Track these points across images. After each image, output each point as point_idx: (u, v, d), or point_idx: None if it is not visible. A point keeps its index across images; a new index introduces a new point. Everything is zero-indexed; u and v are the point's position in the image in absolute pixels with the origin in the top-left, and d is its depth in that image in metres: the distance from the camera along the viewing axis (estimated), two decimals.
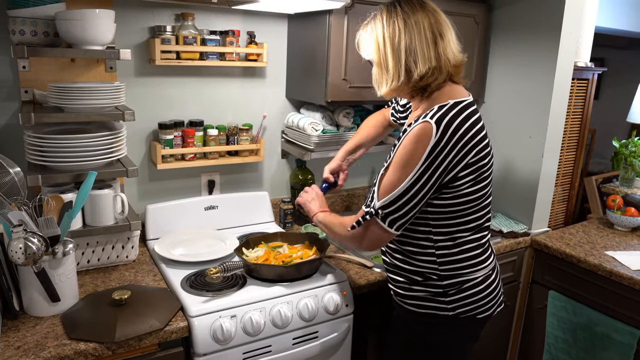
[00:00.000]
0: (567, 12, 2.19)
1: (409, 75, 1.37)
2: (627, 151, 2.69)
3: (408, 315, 1.53)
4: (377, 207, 1.37)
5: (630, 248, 2.25)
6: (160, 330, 1.45)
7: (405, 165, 1.33)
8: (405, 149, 1.33)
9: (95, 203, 1.71)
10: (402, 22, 1.36)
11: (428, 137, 1.30)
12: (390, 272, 1.57)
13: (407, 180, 1.32)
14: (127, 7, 1.90)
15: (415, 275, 1.49)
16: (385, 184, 1.36)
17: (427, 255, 1.46)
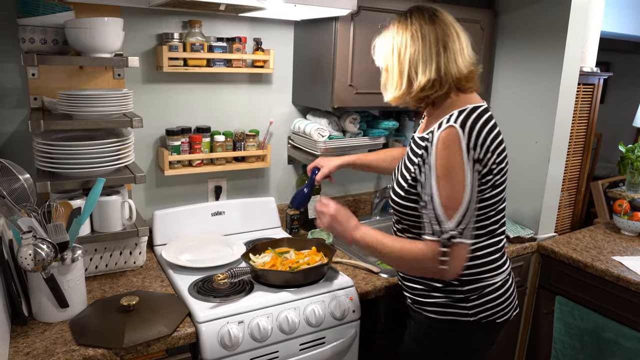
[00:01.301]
0: (573, 18, 2.19)
1: (410, 85, 1.40)
2: (633, 156, 2.68)
3: (427, 322, 1.52)
4: (454, 227, 1.30)
5: (637, 253, 2.24)
6: (168, 336, 1.46)
7: (450, 174, 1.30)
8: (441, 158, 1.31)
9: (104, 209, 1.72)
10: (409, 34, 1.38)
11: (457, 139, 1.30)
12: (407, 279, 1.57)
13: (464, 188, 1.30)
14: (135, 15, 1.91)
15: (435, 282, 1.48)
16: (446, 202, 1.30)
17: None
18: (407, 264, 1.43)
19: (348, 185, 2.60)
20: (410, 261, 1.39)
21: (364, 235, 1.45)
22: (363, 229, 1.47)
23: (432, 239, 1.33)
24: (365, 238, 1.45)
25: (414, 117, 2.48)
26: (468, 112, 1.36)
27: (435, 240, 1.33)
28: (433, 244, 1.33)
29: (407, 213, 1.46)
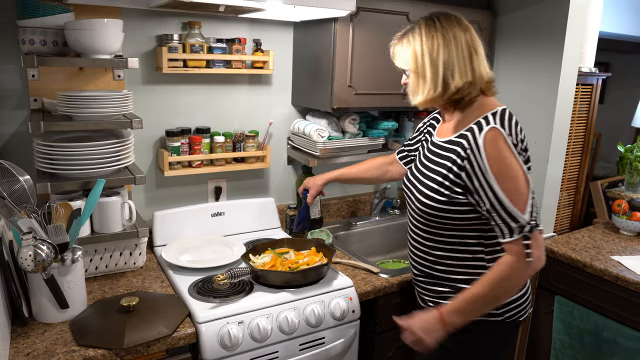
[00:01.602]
0: (571, 18, 2.20)
1: (446, 87, 1.41)
2: (632, 156, 2.68)
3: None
4: (529, 218, 1.34)
5: (636, 253, 2.25)
6: (168, 336, 1.46)
7: (508, 171, 1.33)
8: (494, 159, 1.33)
9: (104, 210, 1.72)
10: (441, 37, 1.40)
11: (503, 138, 1.34)
12: (430, 284, 1.57)
13: (524, 179, 1.34)
14: (135, 16, 1.92)
15: (463, 284, 1.48)
16: (515, 199, 1.33)
17: (477, 261, 1.48)
18: (508, 288, 1.40)
19: (348, 186, 2.61)
20: (508, 282, 1.38)
21: (452, 312, 1.40)
22: (444, 311, 1.41)
23: (513, 239, 1.35)
24: (458, 311, 1.40)
25: (413, 118, 2.48)
26: (501, 114, 1.40)
27: (516, 239, 1.34)
28: (515, 244, 1.35)
29: (441, 216, 1.45)
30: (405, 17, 2.12)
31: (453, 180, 1.40)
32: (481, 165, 1.34)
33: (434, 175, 1.46)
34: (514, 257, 1.36)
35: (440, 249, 1.51)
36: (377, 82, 2.11)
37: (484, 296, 1.38)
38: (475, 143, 1.35)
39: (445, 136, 1.50)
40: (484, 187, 1.35)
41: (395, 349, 1.94)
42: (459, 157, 1.39)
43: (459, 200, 1.41)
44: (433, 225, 1.49)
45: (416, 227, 1.56)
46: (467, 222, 1.44)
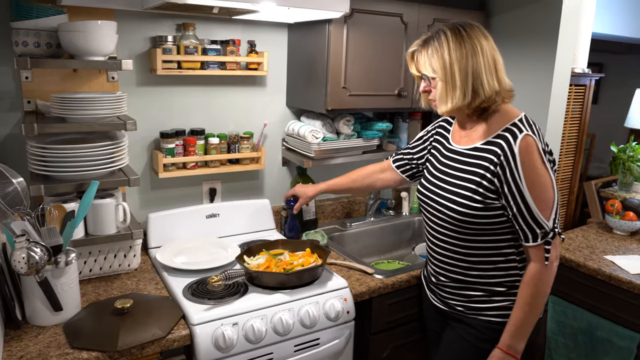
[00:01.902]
0: (564, 19, 2.21)
1: (475, 96, 1.43)
2: (625, 156, 2.70)
3: (487, 325, 1.55)
4: (552, 225, 1.42)
5: (629, 252, 2.26)
6: (162, 338, 1.46)
7: (539, 179, 1.39)
8: (528, 166, 1.39)
9: (98, 212, 1.72)
10: (469, 46, 1.42)
11: (536, 146, 1.40)
12: (461, 289, 1.58)
13: (552, 187, 1.42)
14: (129, 18, 1.92)
15: (496, 287, 1.53)
16: (542, 206, 1.40)
17: (510, 262, 1.51)
18: (544, 293, 1.47)
19: None
20: (542, 288, 1.45)
21: (513, 341, 1.48)
22: (504, 346, 1.48)
23: (536, 244, 1.42)
24: (517, 337, 1.48)
25: (407, 119, 2.49)
26: (526, 122, 1.46)
27: (539, 244, 1.42)
28: (537, 249, 1.43)
29: (476, 222, 1.47)
30: (399, 19, 2.12)
31: (486, 186, 1.44)
32: (515, 172, 1.39)
33: (464, 182, 1.49)
34: (537, 263, 1.44)
35: (474, 254, 1.53)
36: (372, 84, 2.12)
37: (530, 311, 1.45)
38: (510, 151, 1.40)
39: (470, 143, 1.52)
40: (514, 193, 1.40)
41: (390, 350, 1.95)
42: (491, 163, 1.43)
43: (493, 205, 1.45)
44: (466, 232, 1.50)
45: (445, 234, 1.56)
46: (500, 226, 1.47)
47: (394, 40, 2.14)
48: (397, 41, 2.15)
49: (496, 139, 1.45)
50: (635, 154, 2.70)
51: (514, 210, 1.41)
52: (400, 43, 2.16)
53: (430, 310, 1.75)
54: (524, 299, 1.46)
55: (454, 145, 1.59)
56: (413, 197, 2.66)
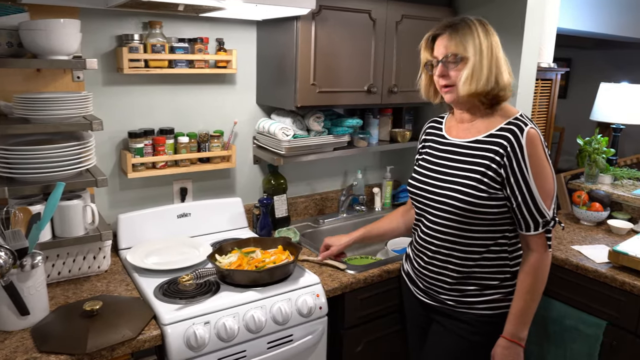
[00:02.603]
0: (529, 15, 2.25)
1: (496, 84, 1.49)
2: (590, 148, 2.76)
3: (478, 319, 1.57)
4: (553, 215, 1.50)
5: (595, 242, 2.32)
6: (132, 339, 1.45)
7: (543, 170, 1.47)
8: (533, 158, 1.45)
9: (65, 214, 1.69)
10: (494, 38, 1.51)
11: (539, 138, 1.48)
12: (454, 283, 1.59)
13: (553, 178, 1.50)
14: (94, 16, 1.89)
15: (489, 280, 1.56)
16: (544, 196, 1.46)
17: (502, 253, 1.56)
18: (543, 280, 1.53)
19: (315, 183, 2.62)
20: (542, 276, 1.52)
21: (517, 329, 1.53)
22: (508, 335, 1.53)
23: (538, 233, 1.49)
24: (520, 325, 1.53)
25: (378, 115, 2.51)
26: (525, 117, 1.53)
27: (541, 232, 1.49)
28: (539, 237, 1.50)
29: (477, 211, 1.50)
30: (367, 15, 2.14)
31: (491, 176, 1.48)
32: (522, 163, 1.45)
33: (468, 173, 1.51)
34: (537, 252, 1.50)
35: (471, 245, 1.55)
36: (341, 80, 2.13)
37: (531, 299, 1.51)
38: (517, 142, 1.46)
39: (470, 136, 1.56)
40: (520, 183, 1.46)
41: (364, 344, 1.96)
42: (497, 154, 1.48)
43: (497, 195, 1.49)
44: (466, 221, 1.52)
45: (444, 226, 1.56)
46: (499, 217, 1.51)
47: (362, 37, 2.15)
48: (365, 37, 2.16)
49: (501, 132, 1.50)
50: (600, 147, 2.76)
51: (519, 199, 1.46)
52: (369, 39, 2.17)
53: (413, 304, 1.76)
54: (525, 288, 1.51)
55: (452, 139, 1.61)
56: (385, 193, 2.69)
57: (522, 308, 1.51)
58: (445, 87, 1.53)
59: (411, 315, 1.81)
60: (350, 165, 2.71)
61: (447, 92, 1.54)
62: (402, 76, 2.31)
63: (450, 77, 1.51)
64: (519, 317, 1.52)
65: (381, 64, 2.23)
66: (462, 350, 1.61)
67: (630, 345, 1.94)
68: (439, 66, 1.52)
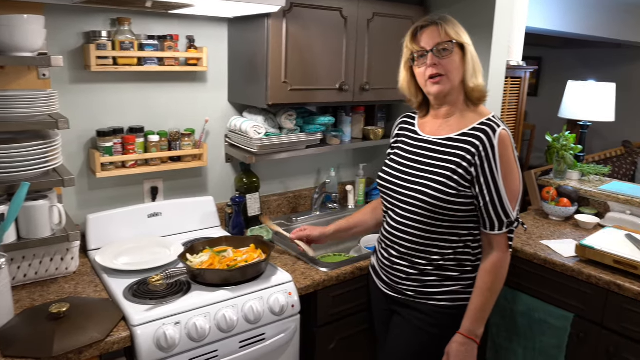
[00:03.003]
0: (498, 14, 2.28)
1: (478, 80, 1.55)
2: (558, 145, 2.82)
3: (437, 310, 1.59)
4: (516, 214, 1.53)
5: (563, 236, 2.37)
6: (101, 341, 1.42)
7: (511, 171, 1.50)
8: (503, 158, 1.48)
9: (30, 215, 1.65)
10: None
11: (510, 141, 1.51)
12: (416, 274, 1.60)
13: (519, 180, 1.53)
14: (59, 12, 1.85)
15: (450, 272, 1.58)
16: (510, 196, 1.50)
17: (466, 248, 1.58)
18: (502, 279, 1.56)
19: (288, 182, 2.62)
20: (502, 274, 1.55)
21: (473, 325, 1.55)
22: (465, 331, 1.55)
23: (501, 232, 1.52)
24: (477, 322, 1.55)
25: (350, 113, 2.51)
26: (499, 118, 1.56)
27: (504, 232, 1.52)
28: (502, 236, 1.53)
29: (446, 208, 1.51)
30: (339, 13, 2.14)
31: (461, 174, 1.50)
32: (492, 163, 1.48)
33: (439, 169, 1.53)
34: (499, 251, 1.54)
35: (436, 239, 1.57)
36: (313, 78, 2.12)
37: (490, 297, 1.54)
38: (490, 143, 1.48)
39: (444, 133, 1.58)
40: (489, 183, 1.48)
41: (337, 342, 1.97)
42: (469, 153, 1.50)
43: (465, 193, 1.51)
44: (434, 216, 1.53)
45: (412, 220, 1.58)
46: (466, 214, 1.53)
47: (334, 35, 2.15)
48: (337, 35, 2.16)
49: (473, 131, 1.52)
50: (568, 144, 2.82)
51: (487, 199, 1.49)
52: (341, 37, 2.17)
53: (378, 299, 1.78)
54: (485, 285, 1.54)
55: (424, 135, 1.63)
56: (358, 191, 2.70)
57: (480, 305, 1.54)
58: (433, 78, 1.52)
59: (377, 311, 1.83)
60: (324, 163, 2.72)
61: (436, 84, 1.53)
62: (374, 74, 2.32)
63: (442, 65, 1.51)
64: (477, 314, 1.54)
65: (353, 62, 2.24)
66: (421, 343, 1.62)
67: (596, 336, 1.98)
68: (429, 55, 1.51)
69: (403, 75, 1.64)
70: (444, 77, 1.52)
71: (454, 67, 1.52)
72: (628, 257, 1.94)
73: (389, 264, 1.67)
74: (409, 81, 1.63)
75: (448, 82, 1.52)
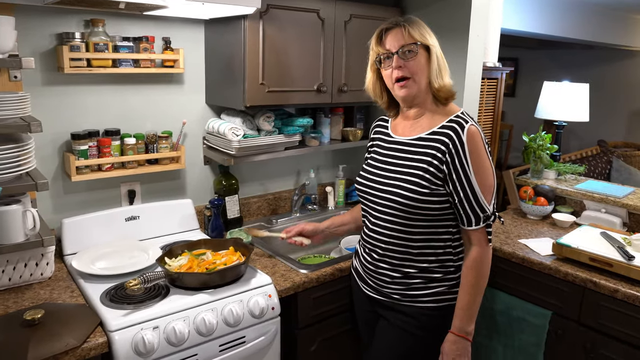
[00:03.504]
0: (474, 16, 2.31)
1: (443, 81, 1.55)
2: (535, 145, 2.86)
3: (422, 312, 1.60)
4: (493, 210, 1.53)
5: (540, 235, 2.40)
6: (77, 347, 1.40)
7: (483, 165, 1.50)
8: (474, 154, 1.49)
9: (3, 220, 1.62)
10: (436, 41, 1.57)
11: (480, 135, 1.51)
12: (399, 277, 1.61)
13: (492, 173, 1.53)
14: (31, 13, 1.82)
15: (433, 273, 1.58)
16: (484, 190, 1.50)
17: (446, 248, 1.59)
18: (486, 274, 1.57)
19: (267, 183, 2.60)
20: (484, 270, 1.56)
21: (463, 324, 1.55)
22: (456, 330, 1.56)
23: (479, 227, 1.52)
24: (466, 319, 1.56)
25: (329, 114, 2.52)
26: (468, 115, 1.57)
27: (482, 227, 1.52)
28: (480, 231, 1.53)
29: (421, 207, 1.52)
30: (316, 14, 2.14)
31: (433, 172, 1.51)
32: (463, 159, 1.48)
33: (411, 170, 1.54)
34: (479, 246, 1.54)
35: (415, 240, 1.57)
36: (290, 80, 2.12)
37: (475, 293, 1.55)
38: (459, 139, 1.49)
39: (414, 134, 1.59)
40: (462, 179, 1.49)
41: (318, 343, 1.96)
42: (439, 151, 1.51)
43: (439, 191, 1.51)
44: (410, 217, 1.54)
45: (389, 221, 1.58)
46: (442, 212, 1.54)
47: (311, 36, 2.15)
48: (314, 37, 2.16)
49: (442, 129, 1.53)
50: (545, 143, 2.86)
51: (461, 195, 1.49)
52: (318, 39, 2.17)
53: (361, 301, 1.78)
54: (469, 282, 1.55)
55: (396, 137, 1.64)
56: (338, 192, 2.70)
57: (467, 302, 1.55)
58: (399, 81, 1.53)
59: (360, 312, 1.83)
60: (303, 165, 2.71)
61: (403, 87, 1.54)
62: (352, 75, 2.32)
63: (407, 67, 1.51)
64: (465, 311, 1.55)
65: (330, 63, 2.24)
66: (407, 346, 1.63)
67: (574, 332, 2.01)
68: (394, 58, 1.52)
69: (369, 76, 1.66)
70: (410, 80, 1.53)
71: (419, 69, 1.52)
72: (603, 255, 1.98)
73: (372, 267, 1.67)
74: (374, 82, 1.65)
75: (414, 84, 1.54)
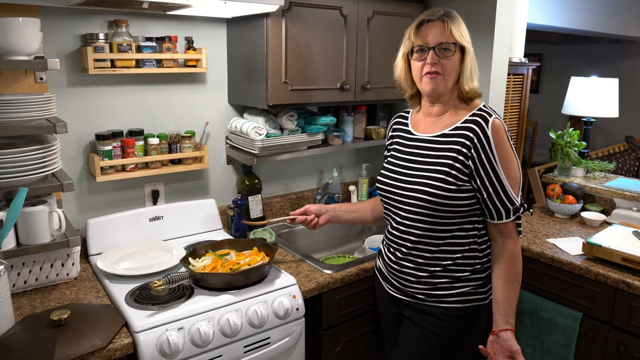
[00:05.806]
0: (499, 10, 2.26)
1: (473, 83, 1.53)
2: (563, 141, 2.79)
3: (448, 313, 1.56)
4: (521, 202, 1.51)
5: (569, 234, 2.34)
6: (103, 348, 1.40)
7: (509, 158, 1.48)
8: (499, 148, 1.46)
9: (29, 220, 1.63)
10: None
11: (503, 128, 1.49)
12: (425, 277, 1.58)
13: (518, 166, 1.51)
14: (56, 15, 1.83)
15: (459, 273, 1.55)
16: (512, 183, 1.48)
17: (472, 245, 1.55)
18: (520, 267, 1.54)
19: (290, 183, 2.59)
20: (519, 262, 1.53)
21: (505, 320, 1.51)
22: (501, 327, 1.51)
23: (509, 220, 1.49)
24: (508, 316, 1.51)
25: (352, 113, 2.49)
26: (490, 108, 1.55)
27: (512, 220, 1.50)
28: (512, 224, 1.51)
29: (448, 204, 1.49)
30: (338, 11, 2.11)
31: (459, 168, 1.48)
32: (489, 153, 1.45)
33: (436, 166, 1.51)
34: (511, 239, 1.52)
35: (442, 238, 1.54)
36: (313, 78, 2.10)
37: (517, 284, 1.52)
38: (484, 133, 1.46)
39: (437, 130, 1.56)
40: (489, 173, 1.46)
41: (343, 344, 1.94)
42: (464, 147, 1.48)
43: (465, 187, 1.48)
44: (436, 214, 1.51)
45: (414, 220, 1.55)
46: (468, 208, 1.51)
47: (334, 34, 2.13)
48: (337, 34, 2.14)
49: (466, 124, 1.50)
50: (572, 140, 2.79)
51: (490, 190, 1.46)
52: (340, 36, 2.15)
53: (385, 301, 1.75)
54: (507, 274, 1.51)
55: (418, 134, 1.61)
56: (361, 191, 2.67)
57: (507, 295, 1.51)
58: (430, 74, 1.49)
59: (383, 313, 1.80)
60: (326, 164, 2.69)
61: (432, 79, 1.50)
62: (375, 73, 2.29)
63: (441, 65, 1.48)
64: (505, 305, 1.51)
65: (353, 61, 2.21)
66: (431, 345, 1.60)
67: (605, 335, 1.96)
68: (430, 53, 1.48)
69: (400, 65, 1.61)
70: (440, 76, 1.49)
71: (451, 68, 1.49)
72: (636, 255, 1.91)
73: (397, 267, 1.64)
74: (406, 72, 1.61)
75: (443, 81, 1.50)
